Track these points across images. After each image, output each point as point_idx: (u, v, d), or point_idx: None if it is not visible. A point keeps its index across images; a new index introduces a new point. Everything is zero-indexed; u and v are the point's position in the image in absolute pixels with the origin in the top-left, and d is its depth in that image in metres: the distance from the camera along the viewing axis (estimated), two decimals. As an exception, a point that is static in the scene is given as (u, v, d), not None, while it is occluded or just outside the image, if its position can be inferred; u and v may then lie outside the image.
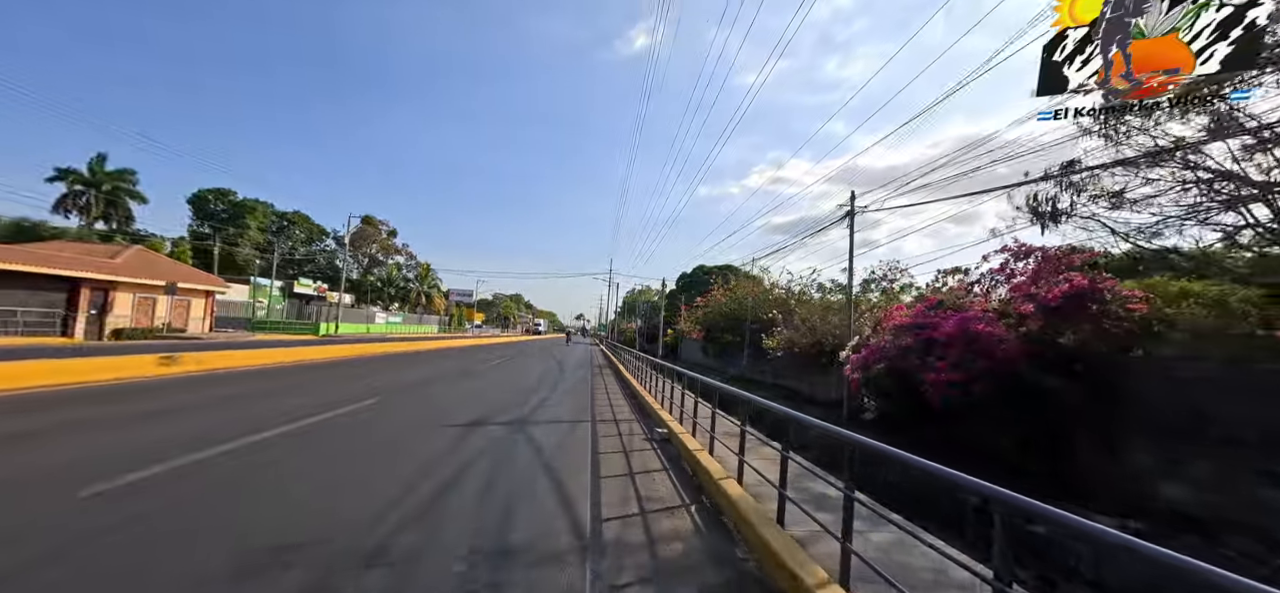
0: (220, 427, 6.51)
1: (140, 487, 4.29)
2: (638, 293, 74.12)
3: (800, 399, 18.59)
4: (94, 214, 49.86)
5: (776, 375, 21.19)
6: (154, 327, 24.34)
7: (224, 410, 7.62)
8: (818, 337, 18.32)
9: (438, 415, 8.51)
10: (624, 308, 72.17)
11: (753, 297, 27.20)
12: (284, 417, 7.22)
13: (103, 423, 6.47)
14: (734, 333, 28.86)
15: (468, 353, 26.59)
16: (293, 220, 68.59)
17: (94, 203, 49.88)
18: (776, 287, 26.90)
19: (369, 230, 76.64)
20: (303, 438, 6.36)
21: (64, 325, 20.92)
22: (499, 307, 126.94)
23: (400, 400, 9.77)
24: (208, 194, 59.83)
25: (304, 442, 6.19)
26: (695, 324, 38.33)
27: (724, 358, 31.39)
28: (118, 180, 51.74)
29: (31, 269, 19.27)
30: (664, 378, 11.80)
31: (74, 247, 26.29)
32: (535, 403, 10.74)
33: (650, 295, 75.46)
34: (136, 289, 23.82)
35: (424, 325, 64.59)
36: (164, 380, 10.11)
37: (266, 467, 5.14)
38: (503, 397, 11.20)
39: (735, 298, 29.23)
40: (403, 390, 11.16)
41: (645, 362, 17.82)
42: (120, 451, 5.27)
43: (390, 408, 8.89)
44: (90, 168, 50.98)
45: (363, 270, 77.42)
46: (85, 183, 50.11)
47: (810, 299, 23.59)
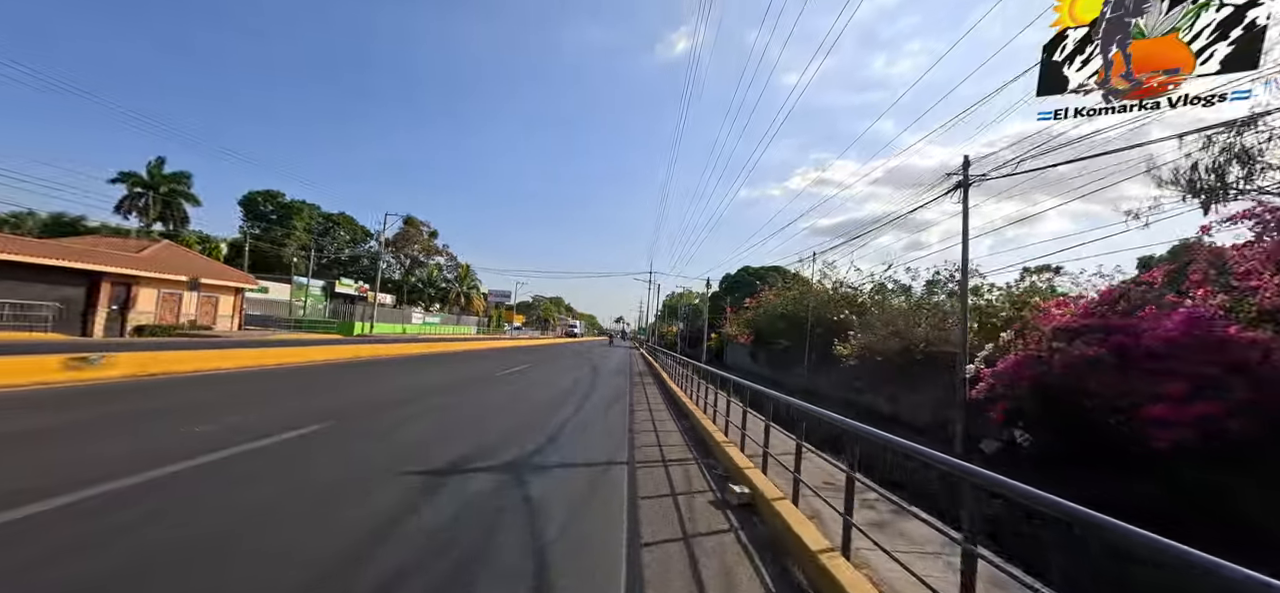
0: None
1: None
2: (678, 296, 71.20)
3: (881, 420, 15.16)
4: (152, 215, 51.44)
5: (847, 388, 17.74)
6: (177, 324, 23.45)
7: (59, 446, 5.28)
8: (907, 342, 14.84)
9: (408, 452, 5.90)
10: (664, 311, 69.20)
11: (815, 296, 23.73)
12: (150, 459, 4.76)
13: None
14: (791, 337, 25.43)
15: (496, 356, 24.44)
16: (338, 222, 69.68)
17: (152, 204, 51.48)
18: (842, 285, 23.25)
19: (411, 231, 77.13)
20: (136, 506, 3.85)
21: (83, 322, 20.07)
22: (538, 309, 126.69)
23: (370, 424, 7.27)
24: (257, 196, 61.33)
25: (119, 521, 3.67)
26: (743, 327, 35.00)
27: (777, 365, 27.96)
28: (174, 183, 53.26)
29: (47, 262, 18.37)
30: (718, 391, 8.88)
31: (107, 242, 25.92)
32: (554, 428, 8.03)
33: (691, 298, 72.16)
34: (161, 285, 22.95)
35: (462, 326, 63.92)
36: (56, 392, 7.95)
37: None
38: (513, 419, 8.57)
39: (793, 298, 25.77)
40: (382, 409, 8.69)
41: (691, 369, 14.94)
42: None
43: (344, 438, 6.36)
44: (149, 171, 52.63)
45: (405, 271, 78.02)
46: (144, 186, 51.79)
47: (887, 300, 19.90)
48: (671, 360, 22.72)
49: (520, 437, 7.17)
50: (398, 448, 6.07)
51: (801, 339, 23.57)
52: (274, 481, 4.54)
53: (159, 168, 52.94)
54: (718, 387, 9.17)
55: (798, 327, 24.58)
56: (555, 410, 9.58)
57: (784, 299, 27.34)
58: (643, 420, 9.50)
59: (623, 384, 15.73)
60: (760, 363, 32.20)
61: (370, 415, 7.77)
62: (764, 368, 30.94)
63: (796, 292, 26.54)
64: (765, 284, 36.83)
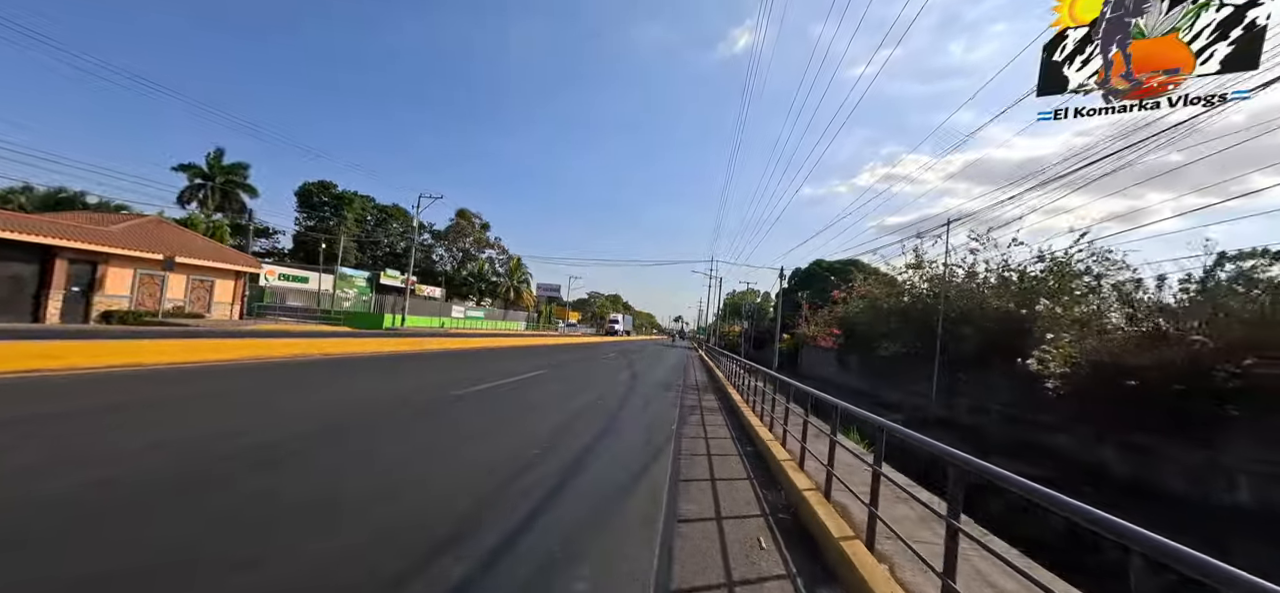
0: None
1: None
2: (741, 294, 64.04)
3: (1134, 496, 8.48)
4: (211, 205, 51.74)
5: (1044, 428, 10.88)
6: (158, 311, 20.27)
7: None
8: (1195, 350, 7.94)
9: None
10: (725, 309, 62.10)
11: (946, 286, 16.68)
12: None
13: None
14: (904, 341, 18.48)
15: (523, 355, 19.33)
16: (391, 214, 68.54)
17: (211, 195, 51.79)
18: (1012, 270, 15.65)
19: (463, 224, 75.19)
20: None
21: (36, 305, 17.01)
22: (594, 306, 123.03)
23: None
24: (312, 187, 61.05)
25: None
26: (824, 328, 28.06)
27: (880, 378, 20.97)
28: (230, 174, 53.47)
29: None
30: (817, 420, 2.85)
31: (87, 216, 23.41)
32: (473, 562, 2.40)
33: (752, 296, 64.59)
34: (138, 264, 19.81)
35: (509, 321, 60.57)
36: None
37: None
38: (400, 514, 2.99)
39: (923, 291, 18.72)
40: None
41: (762, 378, 9.06)
42: None
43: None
44: (208, 162, 53.08)
45: (457, 264, 76.25)
46: (203, 176, 52.24)
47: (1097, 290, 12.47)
48: (734, 364, 16.61)
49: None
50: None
51: (924, 345, 16.67)
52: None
53: (218, 159, 53.29)
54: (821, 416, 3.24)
55: (918, 327, 17.62)
56: (513, 486, 4.02)
57: (895, 296, 20.26)
58: (703, 546, 3.64)
59: (668, 413, 9.85)
60: (851, 372, 25.08)
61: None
62: (857, 379, 23.85)
63: (923, 275, 19.32)
64: (843, 281, 29.66)
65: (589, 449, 6.11)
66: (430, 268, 72.12)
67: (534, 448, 5.91)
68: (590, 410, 8.93)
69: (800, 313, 30.99)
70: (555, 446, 6.12)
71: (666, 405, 10.69)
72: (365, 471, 4.59)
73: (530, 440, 6.26)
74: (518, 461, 5.32)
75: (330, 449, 5.15)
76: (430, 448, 5.57)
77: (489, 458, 5.36)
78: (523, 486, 4.52)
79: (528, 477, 4.79)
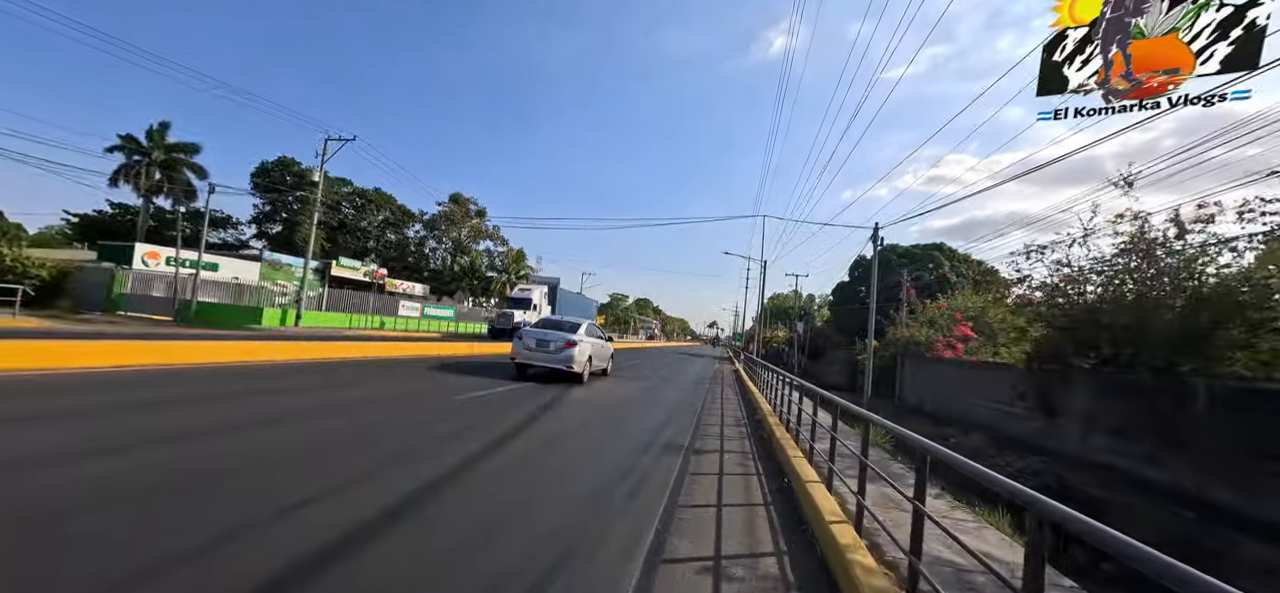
0: None
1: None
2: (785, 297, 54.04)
3: None
4: (146, 184, 43.77)
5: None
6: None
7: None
8: None
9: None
10: (767, 312, 51.13)
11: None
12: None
13: None
14: (1159, 350, 8.50)
15: (436, 382, 9.73)
16: (371, 199, 59.66)
17: (146, 172, 43.86)
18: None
19: (455, 211, 66.19)
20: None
21: None
22: (616, 308, 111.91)
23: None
24: (270, 166, 52.77)
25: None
26: (948, 331, 17.92)
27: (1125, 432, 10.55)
28: (175, 151, 45.67)
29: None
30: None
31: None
32: None
33: (787, 301, 53.80)
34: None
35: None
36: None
37: None
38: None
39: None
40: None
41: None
42: None
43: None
44: (148, 136, 45.40)
45: (450, 257, 67.46)
46: (141, 152, 44.55)
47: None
48: (793, 391, 6.63)
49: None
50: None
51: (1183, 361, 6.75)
52: None
53: (161, 133, 45.49)
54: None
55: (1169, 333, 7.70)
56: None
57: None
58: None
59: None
60: (1074, 419, 13.64)
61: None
62: (1108, 438, 13.08)
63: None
64: (948, 262, 19.55)
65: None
66: (422, 262, 63.73)
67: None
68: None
69: (897, 307, 20.87)
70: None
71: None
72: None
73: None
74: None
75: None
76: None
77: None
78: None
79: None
